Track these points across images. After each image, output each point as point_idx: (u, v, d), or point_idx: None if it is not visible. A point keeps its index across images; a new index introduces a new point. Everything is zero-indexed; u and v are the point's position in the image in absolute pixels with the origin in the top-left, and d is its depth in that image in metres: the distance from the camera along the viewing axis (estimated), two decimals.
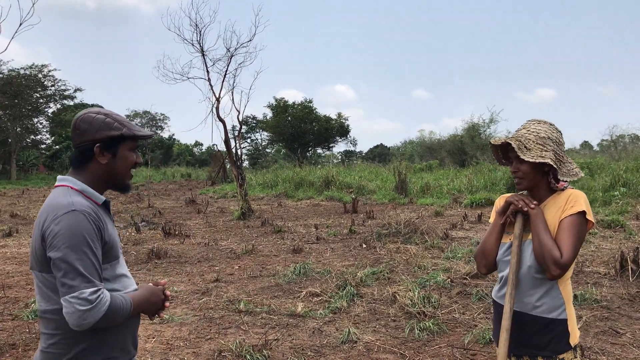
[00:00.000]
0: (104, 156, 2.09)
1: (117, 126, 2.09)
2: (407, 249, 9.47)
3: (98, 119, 2.08)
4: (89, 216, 1.95)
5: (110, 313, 1.90)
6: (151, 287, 2.20)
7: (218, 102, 16.64)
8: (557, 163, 2.37)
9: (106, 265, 2.02)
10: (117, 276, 2.08)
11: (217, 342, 5.10)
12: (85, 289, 1.85)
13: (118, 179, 2.16)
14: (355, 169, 32.69)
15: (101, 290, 1.89)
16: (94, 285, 1.87)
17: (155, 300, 2.17)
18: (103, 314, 1.87)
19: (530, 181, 2.40)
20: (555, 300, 2.33)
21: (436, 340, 5.20)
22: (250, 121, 63.73)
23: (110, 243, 2.04)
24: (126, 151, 2.13)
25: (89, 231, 1.93)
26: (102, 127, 2.07)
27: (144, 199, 21.81)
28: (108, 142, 2.08)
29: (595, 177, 18.94)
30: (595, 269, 7.81)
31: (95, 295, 1.86)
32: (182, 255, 9.75)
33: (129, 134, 2.10)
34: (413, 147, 59.53)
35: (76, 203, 1.96)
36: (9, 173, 44.94)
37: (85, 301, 1.84)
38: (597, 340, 5.10)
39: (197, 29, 16.66)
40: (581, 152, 41.20)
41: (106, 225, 2.04)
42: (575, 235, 2.26)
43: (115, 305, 1.92)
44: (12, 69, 42.93)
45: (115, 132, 2.08)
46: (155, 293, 2.18)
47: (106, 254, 2.02)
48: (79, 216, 1.93)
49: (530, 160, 2.30)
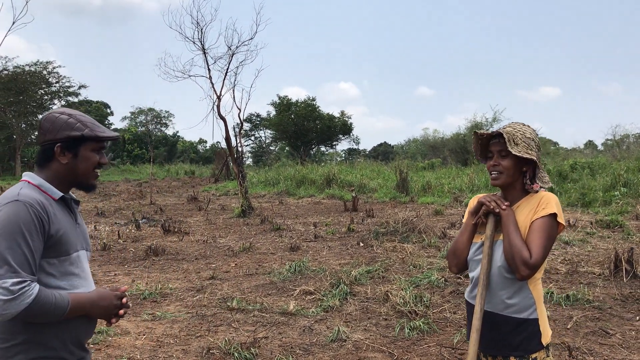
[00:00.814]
0: (64, 156, 2.11)
1: (79, 127, 2.11)
2: (404, 247, 9.48)
3: (60, 119, 2.11)
4: (31, 207, 1.94)
5: (37, 307, 1.87)
6: (103, 291, 2.17)
7: (219, 100, 16.69)
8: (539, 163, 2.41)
9: (53, 260, 2.02)
10: (66, 273, 2.07)
11: (206, 339, 5.14)
12: (8, 279, 1.83)
13: (80, 179, 2.17)
14: (357, 167, 32.69)
15: (27, 282, 1.86)
16: (19, 276, 1.85)
17: (105, 305, 2.13)
18: (26, 307, 1.84)
19: (508, 177, 2.42)
20: (526, 300, 2.36)
21: (426, 339, 5.22)
22: (254, 119, 63.81)
23: (58, 238, 2.02)
24: (88, 152, 2.14)
25: (27, 222, 1.92)
26: (64, 127, 2.09)
27: (146, 196, 21.87)
28: (69, 142, 2.10)
29: (596, 176, 18.89)
30: (590, 269, 7.81)
31: (18, 287, 1.83)
32: (179, 252, 9.79)
33: (90, 134, 2.11)
34: (417, 145, 59.47)
35: (22, 194, 1.98)
36: (14, 169, 45.11)
37: (7, 291, 1.82)
38: (586, 340, 5.11)
39: (198, 26, 16.71)
40: (585, 151, 41.08)
41: (56, 219, 2.03)
42: (545, 237, 2.28)
43: (43, 300, 1.89)
44: (17, 65, 43.08)
45: (76, 133, 2.09)
46: (106, 297, 2.14)
47: (52, 248, 2.01)
48: (19, 206, 1.93)
49: (517, 154, 2.33)
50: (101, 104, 63.71)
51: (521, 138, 2.37)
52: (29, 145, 50.02)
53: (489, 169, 2.47)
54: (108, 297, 2.15)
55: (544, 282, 7.14)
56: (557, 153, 36.73)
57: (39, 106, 46.97)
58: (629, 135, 39.31)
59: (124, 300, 2.21)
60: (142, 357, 4.73)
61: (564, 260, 8.41)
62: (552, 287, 6.86)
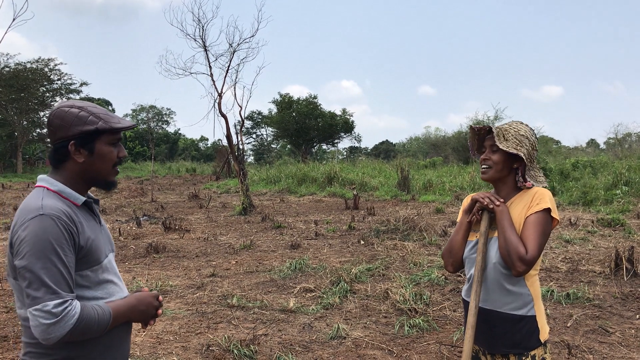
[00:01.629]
0: (80, 154, 1.92)
1: (92, 119, 1.91)
2: (404, 245, 9.48)
3: (71, 113, 1.90)
4: (59, 220, 1.80)
5: (81, 326, 1.76)
6: (140, 294, 2.04)
7: (220, 97, 16.69)
8: (528, 161, 2.41)
9: (86, 271, 1.89)
10: (101, 282, 1.94)
11: (206, 336, 5.15)
12: (49, 301, 1.71)
13: (99, 177, 1.99)
14: (359, 165, 32.69)
15: (68, 302, 1.74)
16: (59, 296, 1.72)
17: (144, 309, 2.02)
18: (71, 328, 1.72)
19: (497, 172, 2.43)
20: (524, 297, 2.36)
21: (425, 337, 5.22)
22: (255, 117, 63.79)
23: (88, 248, 1.88)
24: (104, 146, 1.95)
25: (58, 237, 1.77)
26: (75, 122, 1.89)
27: (148, 193, 21.89)
28: (83, 138, 1.91)
29: (598, 175, 18.87)
30: (590, 267, 7.80)
31: (60, 308, 1.71)
32: (180, 249, 9.80)
33: (104, 127, 1.92)
34: (418, 143, 59.42)
35: (46, 206, 1.81)
36: (15, 166, 45.18)
37: (49, 314, 1.70)
38: (585, 339, 5.11)
39: (199, 24, 16.77)
40: (587, 150, 41.02)
41: (84, 228, 1.89)
42: (540, 232, 2.29)
43: (87, 317, 1.78)
44: (18, 62, 43.12)
45: (89, 127, 1.90)
46: (144, 301, 2.03)
47: (84, 260, 1.88)
48: (46, 221, 1.78)
49: (504, 149, 2.34)
50: (103, 101, 63.71)
51: (513, 135, 2.39)
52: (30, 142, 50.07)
53: (480, 163, 2.48)
54: (146, 300, 2.04)
55: (544, 280, 7.13)
56: (559, 152, 36.69)
57: (40, 103, 47.03)
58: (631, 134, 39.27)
59: (160, 298, 2.11)
60: (142, 353, 4.74)
61: (564, 259, 8.40)
62: (552, 285, 6.86)
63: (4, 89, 40.85)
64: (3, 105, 41.60)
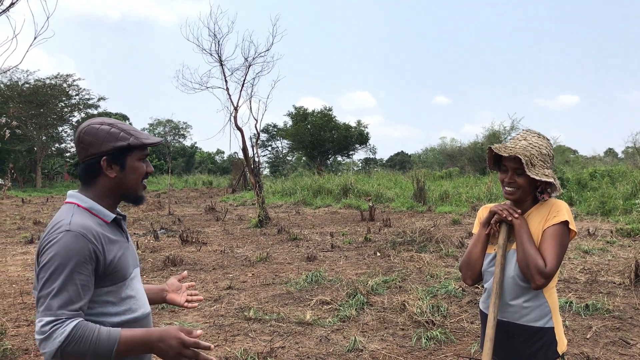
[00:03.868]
0: (112, 169, 1.96)
1: (123, 136, 1.96)
2: (421, 257, 9.45)
3: (102, 129, 1.95)
4: (84, 238, 1.82)
5: (71, 346, 1.73)
6: (168, 332, 1.84)
7: (236, 111, 16.82)
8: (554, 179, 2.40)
9: (111, 287, 1.90)
10: (124, 299, 1.95)
11: (223, 349, 5.17)
12: (43, 318, 1.74)
13: (130, 192, 2.03)
14: (374, 176, 32.66)
15: (60, 321, 1.73)
16: (53, 314, 1.73)
17: (165, 349, 1.82)
18: (58, 346, 1.71)
19: (524, 194, 2.42)
20: (542, 308, 2.35)
21: (443, 349, 5.19)
22: (270, 129, 64.11)
23: (114, 265, 1.90)
24: (135, 162, 2.00)
25: (79, 254, 1.79)
26: (108, 139, 1.94)
27: (165, 207, 22.06)
28: (115, 154, 1.95)
29: (617, 184, 18.66)
30: (610, 278, 7.72)
31: (48, 327, 1.72)
32: (197, 262, 9.86)
33: (136, 143, 1.97)
34: (434, 154, 59.26)
35: (74, 223, 1.84)
36: (35, 181, 45.82)
37: (40, 330, 1.73)
38: (605, 350, 5.05)
39: (215, 39, 16.89)
40: (605, 159, 40.60)
41: (110, 246, 1.91)
42: (558, 245, 2.29)
43: (80, 339, 1.73)
44: (38, 79, 43.91)
45: (121, 143, 1.94)
46: (167, 340, 1.82)
47: (110, 277, 1.89)
48: (71, 238, 1.80)
49: (536, 177, 2.32)
50: (120, 115, 64.47)
51: (537, 156, 2.36)
52: (49, 157, 50.81)
53: (502, 182, 2.46)
54: (169, 341, 1.83)
55: (563, 291, 7.07)
56: (577, 161, 36.37)
57: (59, 118, 47.81)
58: None
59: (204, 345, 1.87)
60: None
61: (583, 270, 8.32)
62: (571, 296, 6.79)
63: (23, 105, 41.58)
64: (23, 120, 42.29)
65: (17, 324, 6.14)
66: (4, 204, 24.06)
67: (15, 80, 42.53)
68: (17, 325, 6.10)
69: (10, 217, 18.45)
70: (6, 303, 7.06)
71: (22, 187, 41.36)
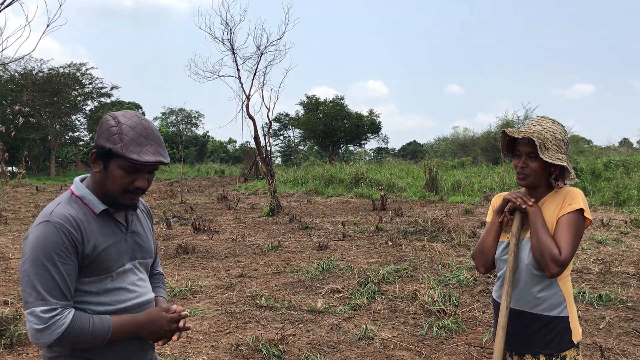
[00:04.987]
0: (96, 164, 1.91)
1: (114, 139, 1.84)
2: (433, 246, 9.42)
3: (106, 124, 1.88)
4: (61, 228, 1.81)
5: (71, 335, 1.77)
6: (154, 313, 1.97)
7: (248, 99, 16.81)
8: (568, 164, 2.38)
9: (91, 278, 1.89)
10: (109, 290, 1.93)
11: (235, 336, 5.20)
12: (37, 307, 1.74)
13: (109, 194, 1.93)
14: (386, 166, 32.57)
15: (58, 310, 1.76)
16: (47, 303, 1.75)
17: (154, 329, 1.95)
18: (59, 336, 1.75)
19: (536, 179, 2.39)
20: (556, 297, 2.33)
21: (454, 338, 5.18)
22: (282, 118, 64.08)
23: (95, 256, 1.88)
24: (117, 169, 1.88)
25: (57, 244, 1.79)
26: (103, 134, 1.87)
27: (177, 195, 22.15)
28: (100, 152, 1.88)
29: (631, 175, 18.48)
30: (623, 269, 7.65)
31: (48, 315, 1.74)
32: (209, 250, 9.90)
33: (118, 151, 1.83)
34: (447, 144, 58.97)
35: (55, 213, 1.84)
36: (49, 169, 46.24)
37: (38, 319, 1.74)
38: (619, 341, 5.01)
39: (227, 27, 16.87)
40: (620, 149, 40.18)
41: (93, 237, 1.88)
42: (573, 233, 2.26)
43: (79, 328, 1.78)
44: (51, 67, 44.16)
45: (106, 144, 1.85)
46: (156, 321, 1.95)
47: (90, 267, 1.88)
48: (49, 228, 1.81)
49: (549, 160, 2.29)
50: (133, 104, 64.74)
51: (552, 141, 2.33)
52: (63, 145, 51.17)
53: (515, 168, 2.43)
54: (158, 321, 1.95)
55: (576, 281, 7.02)
56: (591, 151, 36.04)
57: (72, 107, 48.11)
58: None
59: (181, 324, 2.01)
60: (172, 352, 4.81)
61: (596, 260, 8.25)
62: (584, 286, 6.75)
63: (37, 94, 41.88)
64: (37, 109, 42.60)
65: None
66: (18, 192, 24.29)
67: (29, 69, 42.81)
68: None
69: (25, 205, 18.62)
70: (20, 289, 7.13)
71: (36, 175, 41.75)
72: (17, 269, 8.39)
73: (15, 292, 6.95)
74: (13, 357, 4.75)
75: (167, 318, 1.97)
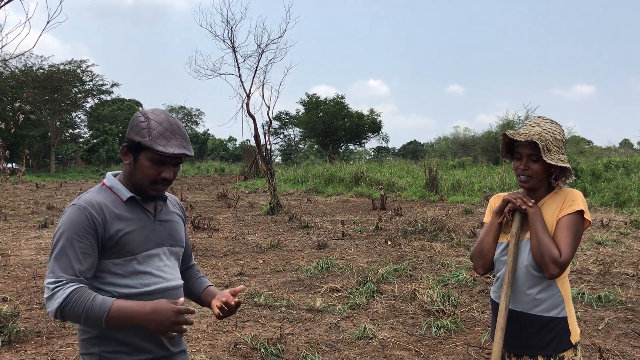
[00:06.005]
0: (127, 157, 2.09)
1: (142, 133, 2.03)
2: (432, 246, 9.42)
3: (136, 120, 2.08)
4: (85, 211, 1.99)
5: (68, 308, 1.88)
6: (160, 305, 1.94)
7: (248, 98, 16.79)
8: (569, 164, 2.37)
9: (117, 260, 2.03)
10: (135, 272, 2.05)
11: (234, 334, 5.19)
12: (47, 279, 1.94)
13: (137, 185, 2.11)
14: (386, 165, 32.56)
15: (61, 282, 1.90)
16: (55, 276, 1.92)
17: (159, 319, 1.91)
18: (58, 306, 1.87)
19: (538, 181, 2.38)
20: (555, 298, 2.33)
21: (452, 338, 5.18)
22: (282, 117, 64.04)
23: (119, 239, 2.02)
24: (145, 161, 2.05)
25: (80, 225, 1.97)
26: (133, 129, 2.06)
27: (177, 193, 22.15)
28: (131, 145, 2.07)
29: (632, 175, 18.47)
30: (623, 270, 7.65)
31: (53, 286, 1.90)
32: (209, 248, 9.90)
33: (146, 144, 2.01)
34: (447, 143, 58.95)
35: (82, 198, 2.05)
36: (49, 166, 46.22)
37: (47, 290, 1.92)
38: (618, 342, 5.01)
39: (228, 25, 16.84)
40: (620, 150, 40.18)
41: (118, 221, 2.04)
42: (573, 234, 2.26)
43: (75, 303, 1.88)
44: (52, 64, 44.12)
45: (136, 138, 2.04)
46: (161, 312, 1.92)
47: (113, 249, 2.02)
48: (74, 211, 2.01)
49: (552, 162, 2.28)
50: (133, 102, 64.71)
51: (552, 142, 2.32)
52: (63, 142, 51.16)
53: (516, 170, 2.42)
54: (163, 312, 1.92)
55: (575, 282, 7.02)
56: (591, 152, 36.04)
57: (72, 104, 48.10)
58: None
59: (187, 317, 1.98)
60: None
61: (596, 261, 8.25)
62: (583, 287, 6.74)
63: (38, 90, 41.84)
64: (37, 106, 42.58)
65: (30, 306, 6.21)
66: (18, 188, 24.30)
67: (29, 66, 42.77)
68: (30, 308, 6.16)
69: (25, 202, 18.62)
70: (19, 286, 7.14)
71: (36, 172, 41.72)
72: (16, 266, 8.40)
73: (14, 289, 6.95)
74: (11, 354, 4.75)
75: (174, 310, 1.92)
